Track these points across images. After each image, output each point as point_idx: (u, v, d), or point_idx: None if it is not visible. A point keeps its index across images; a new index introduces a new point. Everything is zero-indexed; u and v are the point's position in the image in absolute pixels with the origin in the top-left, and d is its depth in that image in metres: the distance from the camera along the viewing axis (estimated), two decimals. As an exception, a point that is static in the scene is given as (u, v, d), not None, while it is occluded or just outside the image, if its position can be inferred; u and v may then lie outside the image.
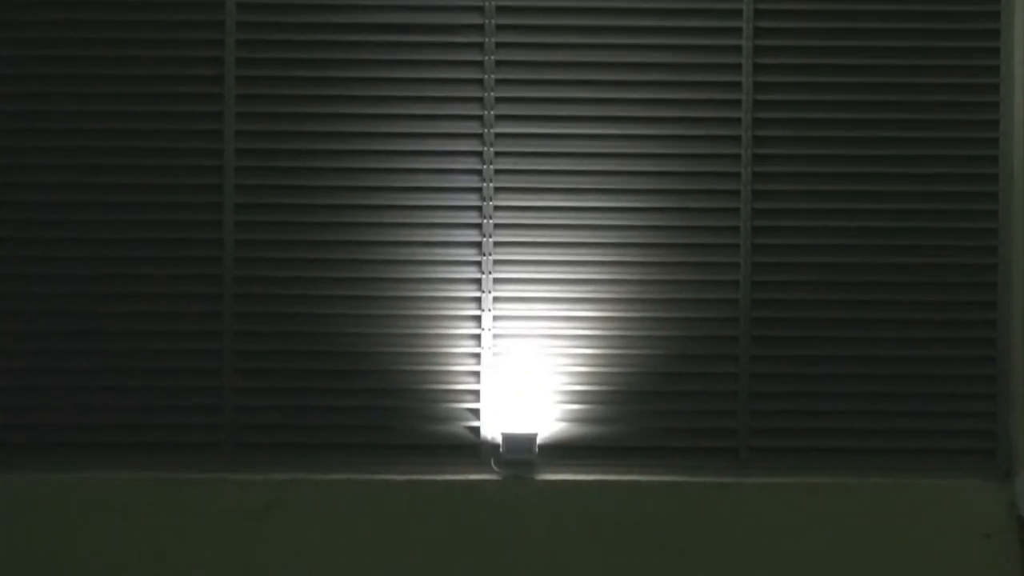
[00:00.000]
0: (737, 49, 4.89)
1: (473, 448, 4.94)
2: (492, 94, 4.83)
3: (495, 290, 4.92)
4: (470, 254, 4.94)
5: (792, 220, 4.95)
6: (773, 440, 4.99)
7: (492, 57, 4.82)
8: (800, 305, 4.97)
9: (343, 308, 4.92)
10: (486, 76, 4.85)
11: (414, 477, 4.81)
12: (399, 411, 4.95)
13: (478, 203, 4.91)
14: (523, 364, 4.93)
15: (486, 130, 4.88)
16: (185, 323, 4.87)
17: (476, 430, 4.95)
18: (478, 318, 4.94)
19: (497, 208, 4.91)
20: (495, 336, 4.95)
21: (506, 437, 4.82)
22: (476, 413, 4.96)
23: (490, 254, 4.92)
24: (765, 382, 4.98)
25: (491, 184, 4.89)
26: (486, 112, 4.87)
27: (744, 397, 4.97)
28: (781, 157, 4.93)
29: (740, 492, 4.81)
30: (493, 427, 4.92)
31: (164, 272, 4.86)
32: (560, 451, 4.91)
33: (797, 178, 4.91)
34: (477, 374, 4.97)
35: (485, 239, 4.92)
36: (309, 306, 4.87)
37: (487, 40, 4.81)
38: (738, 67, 4.86)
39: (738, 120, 4.86)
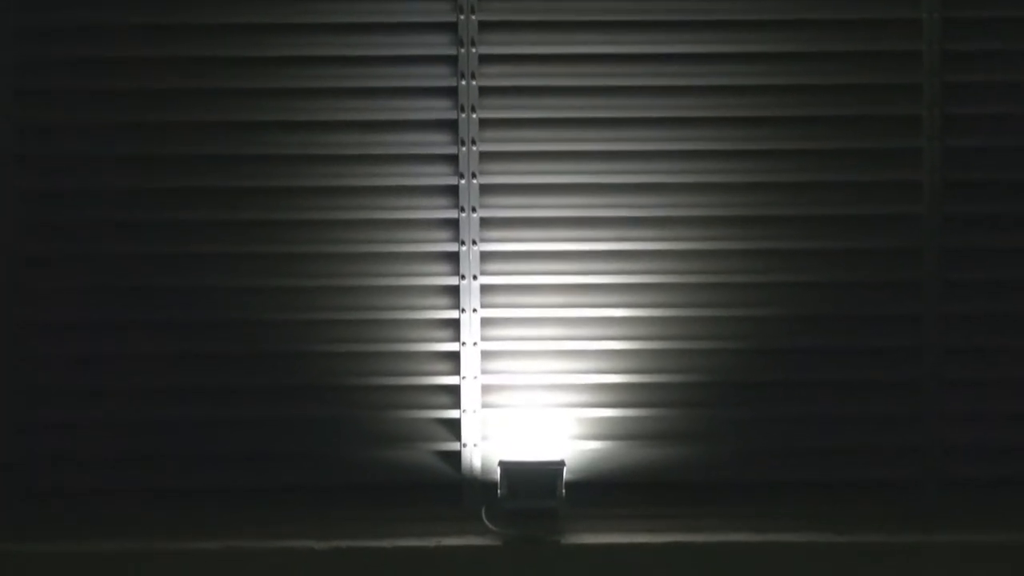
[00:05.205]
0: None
1: (451, 489, 4.22)
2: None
3: (483, 206, 4.12)
4: (443, 141, 4.15)
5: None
6: (984, 466, 4.19)
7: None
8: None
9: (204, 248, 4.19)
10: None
11: (347, 544, 4.01)
12: (320, 425, 4.22)
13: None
14: (530, 338, 4.18)
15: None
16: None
17: (455, 457, 4.21)
18: (454, 255, 4.17)
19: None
20: (484, 288, 4.19)
21: (508, 469, 4.06)
22: (454, 427, 4.21)
23: (473, 144, 4.13)
24: (969, 364, 4.17)
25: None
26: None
27: (932, 391, 4.13)
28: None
29: (931, 559, 3.95)
30: (484, 452, 4.22)
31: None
32: (600, 492, 4.17)
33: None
34: (455, 356, 4.19)
35: (463, 110, 4.12)
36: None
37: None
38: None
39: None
